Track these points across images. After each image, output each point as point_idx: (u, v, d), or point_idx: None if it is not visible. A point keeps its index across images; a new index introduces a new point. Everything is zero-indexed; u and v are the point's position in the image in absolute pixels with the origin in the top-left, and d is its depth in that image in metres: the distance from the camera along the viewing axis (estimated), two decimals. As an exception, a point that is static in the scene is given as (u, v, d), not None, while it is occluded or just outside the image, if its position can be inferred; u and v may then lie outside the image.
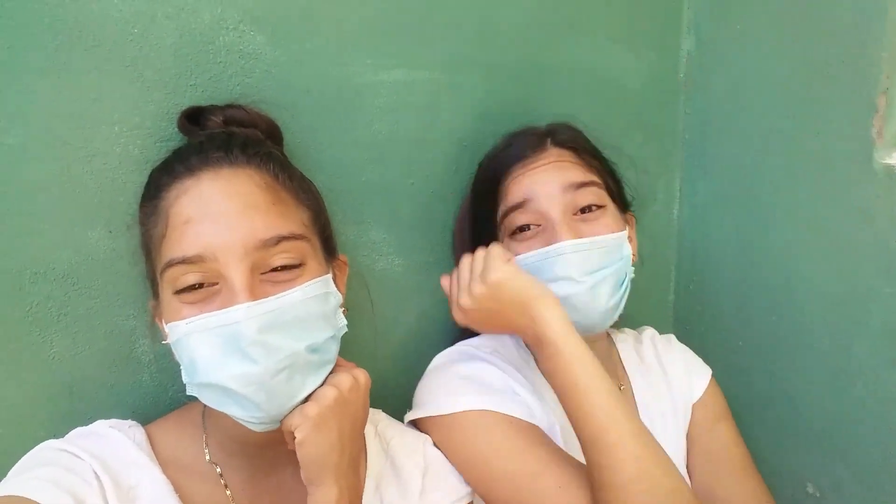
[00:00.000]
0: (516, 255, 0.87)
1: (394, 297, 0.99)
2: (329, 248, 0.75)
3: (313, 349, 0.66)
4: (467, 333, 0.98)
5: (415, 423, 0.88)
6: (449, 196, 1.02)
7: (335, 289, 0.72)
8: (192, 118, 0.76)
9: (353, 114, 0.91)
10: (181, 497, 0.68)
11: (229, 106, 0.77)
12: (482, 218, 0.93)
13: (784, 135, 1.10)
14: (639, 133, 1.22)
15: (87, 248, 0.76)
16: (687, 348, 1.07)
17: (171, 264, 0.63)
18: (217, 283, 0.64)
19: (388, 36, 0.92)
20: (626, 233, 0.89)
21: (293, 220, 0.69)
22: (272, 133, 0.79)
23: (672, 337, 1.09)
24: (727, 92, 1.19)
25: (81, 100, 0.74)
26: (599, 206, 0.88)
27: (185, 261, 0.63)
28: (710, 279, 1.26)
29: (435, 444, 0.84)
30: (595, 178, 0.89)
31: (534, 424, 0.82)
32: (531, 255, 0.86)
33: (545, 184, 0.86)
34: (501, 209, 0.89)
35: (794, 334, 1.11)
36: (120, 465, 0.66)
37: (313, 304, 0.67)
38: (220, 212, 0.64)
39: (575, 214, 0.86)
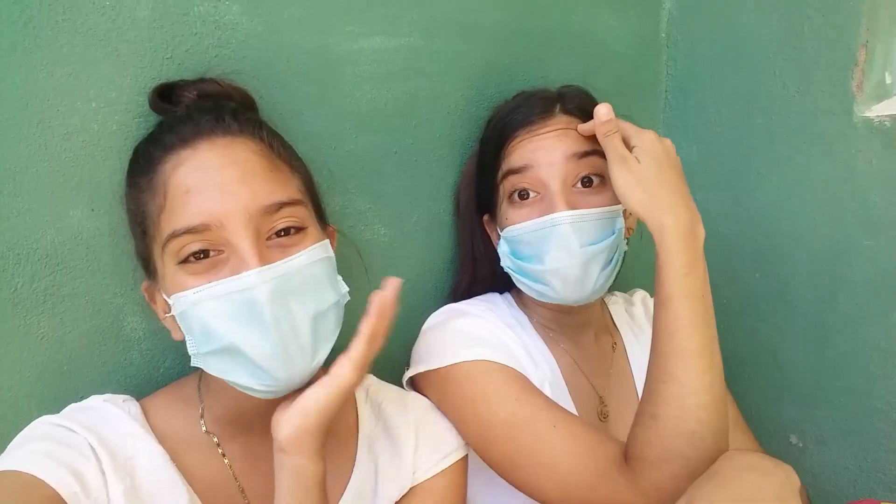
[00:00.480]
0: (512, 223, 0.87)
1: (380, 266, 0.99)
2: (321, 217, 0.75)
3: (322, 314, 0.67)
4: (456, 299, 0.99)
5: (413, 381, 0.89)
6: (433, 164, 1.01)
7: (333, 254, 0.72)
8: (164, 95, 0.75)
9: (333, 83, 0.90)
10: (178, 467, 0.68)
11: (201, 80, 0.76)
12: (485, 176, 0.94)
13: (766, 92, 1.10)
14: (623, 94, 1.22)
15: (70, 227, 0.75)
16: None
17: (174, 235, 0.63)
18: (223, 252, 0.64)
19: (368, 2, 0.91)
20: (621, 207, 0.88)
21: (290, 186, 0.69)
22: (247, 104, 0.78)
23: None
24: (709, 51, 1.19)
25: (55, 76, 0.72)
26: (601, 179, 0.87)
27: (189, 230, 0.62)
28: (694, 239, 1.28)
29: (432, 399, 0.86)
30: (599, 149, 0.87)
31: (524, 375, 0.84)
32: (527, 224, 0.86)
33: (548, 151, 0.86)
34: (502, 170, 0.89)
35: (777, 290, 1.13)
36: (116, 438, 0.66)
37: (318, 267, 0.68)
38: (222, 180, 0.64)
39: (574, 185, 0.86)
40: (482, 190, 0.95)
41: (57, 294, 0.76)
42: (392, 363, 0.94)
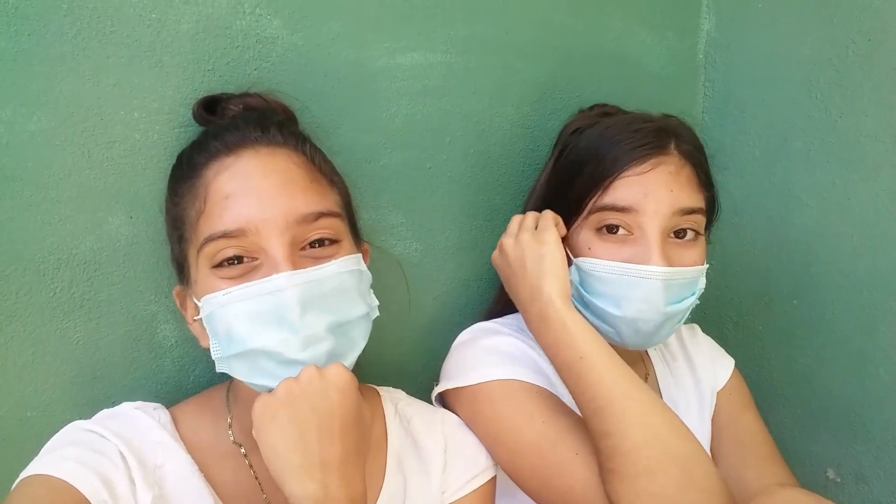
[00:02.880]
0: (596, 256, 0.83)
1: (412, 281, 0.99)
2: (356, 234, 0.76)
3: (350, 323, 0.67)
4: (492, 311, 0.98)
5: (442, 397, 0.88)
6: (466, 180, 1.01)
7: (366, 268, 0.73)
8: (209, 107, 0.76)
9: (369, 97, 0.91)
10: (206, 477, 0.68)
11: (246, 94, 0.77)
12: (565, 191, 0.87)
13: (806, 116, 1.08)
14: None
15: (109, 234, 0.77)
16: (710, 339, 1.06)
17: (210, 239, 0.64)
18: (257, 259, 0.64)
19: (406, 18, 0.92)
20: (706, 267, 0.85)
21: (329, 199, 0.70)
22: (290, 119, 0.79)
23: (696, 327, 1.08)
24: (748, 73, 1.17)
25: (101, 85, 0.74)
26: (696, 234, 0.83)
27: (225, 234, 0.63)
28: (729, 263, 1.25)
29: (461, 417, 0.85)
30: (703, 205, 0.84)
31: (555, 395, 0.83)
32: (614, 265, 0.81)
33: (658, 200, 0.80)
34: (599, 201, 0.83)
35: (815, 318, 1.10)
36: (145, 446, 0.67)
37: (349, 278, 0.68)
38: (262, 187, 0.65)
39: (670, 237, 0.82)
40: (557, 201, 0.89)
41: (93, 300, 0.77)
42: (421, 378, 0.93)
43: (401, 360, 0.99)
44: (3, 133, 0.70)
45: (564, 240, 0.87)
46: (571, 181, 0.87)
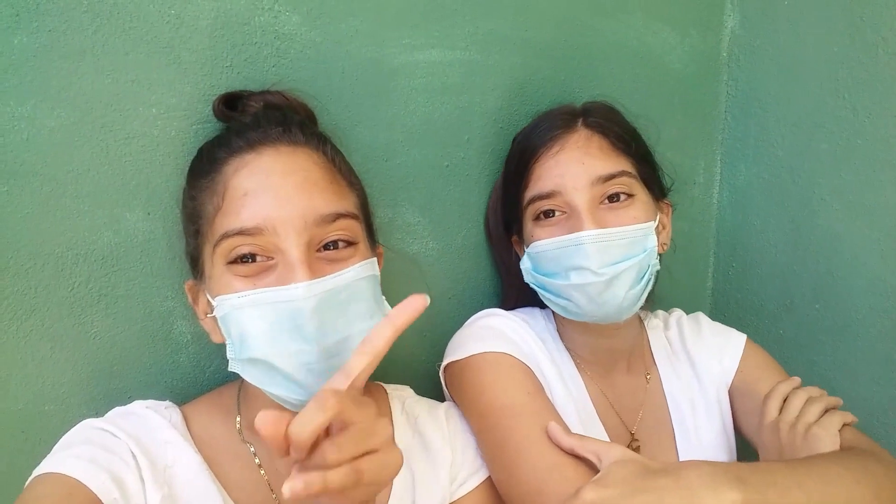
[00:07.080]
0: (538, 240, 0.87)
1: (428, 280, 0.98)
2: (371, 236, 0.75)
3: (362, 333, 0.66)
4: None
5: (445, 375, 0.90)
6: (484, 179, 1.00)
7: (378, 273, 0.72)
8: (229, 103, 0.76)
9: (388, 95, 0.90)
10: (216, 476, 0.68)
11: (267, 91, 0.77)
12: (511, 198, 0.92)
13: (833, 116, 1.06)
14: (679, 113, 1.19)
15: (126, 229, 0.77)
16: (715, 325, 1.01)
17: (227, 236, 0.63)
18: (272, 258, 0.64)
19: (425, 15, 0.91)
20: (652, 224, 0.85)
21: (348, 200, 0.69)
22: (310, 119, 0.79)
23: (700, 316, 1.02)
24: (773, 71, 1.15)
25: (120, 82, 0.74)
26: (628, 195, 0.85)
27: (242, 232, 0.63)
28: (750, 265, 1.23)
29: (452, 392, 0.86)
30: (625, 167, 0.85)
31: (540, 382, 0.85)
32: (550, 241, 0.85)
33: (573, 176, 0.83)
34: (527, 195, 0.88)
35: (838, 323, 1.08)
36: (156, 445, 0.67)
37: (365, 284, 0.67)
38: (281, 186, 0.64)
39: (602, 203, 0.84)
40: (508, 211, 0.94)
41: (111, 295, 0.77)
42: (435, 377, 0.93)
43: (415, 359, 0.99)
44: (24, 129, 0.70)
45: (519, 238, 0.94)
46: (509, 184, 0.93)
